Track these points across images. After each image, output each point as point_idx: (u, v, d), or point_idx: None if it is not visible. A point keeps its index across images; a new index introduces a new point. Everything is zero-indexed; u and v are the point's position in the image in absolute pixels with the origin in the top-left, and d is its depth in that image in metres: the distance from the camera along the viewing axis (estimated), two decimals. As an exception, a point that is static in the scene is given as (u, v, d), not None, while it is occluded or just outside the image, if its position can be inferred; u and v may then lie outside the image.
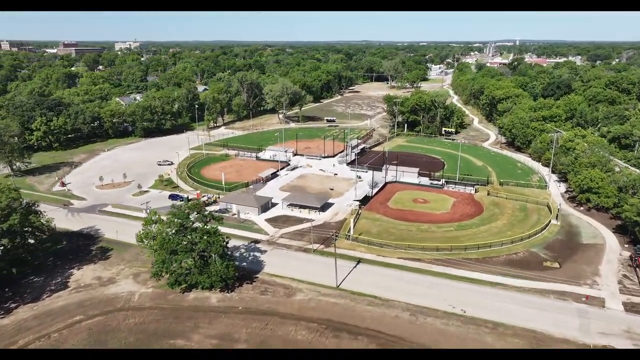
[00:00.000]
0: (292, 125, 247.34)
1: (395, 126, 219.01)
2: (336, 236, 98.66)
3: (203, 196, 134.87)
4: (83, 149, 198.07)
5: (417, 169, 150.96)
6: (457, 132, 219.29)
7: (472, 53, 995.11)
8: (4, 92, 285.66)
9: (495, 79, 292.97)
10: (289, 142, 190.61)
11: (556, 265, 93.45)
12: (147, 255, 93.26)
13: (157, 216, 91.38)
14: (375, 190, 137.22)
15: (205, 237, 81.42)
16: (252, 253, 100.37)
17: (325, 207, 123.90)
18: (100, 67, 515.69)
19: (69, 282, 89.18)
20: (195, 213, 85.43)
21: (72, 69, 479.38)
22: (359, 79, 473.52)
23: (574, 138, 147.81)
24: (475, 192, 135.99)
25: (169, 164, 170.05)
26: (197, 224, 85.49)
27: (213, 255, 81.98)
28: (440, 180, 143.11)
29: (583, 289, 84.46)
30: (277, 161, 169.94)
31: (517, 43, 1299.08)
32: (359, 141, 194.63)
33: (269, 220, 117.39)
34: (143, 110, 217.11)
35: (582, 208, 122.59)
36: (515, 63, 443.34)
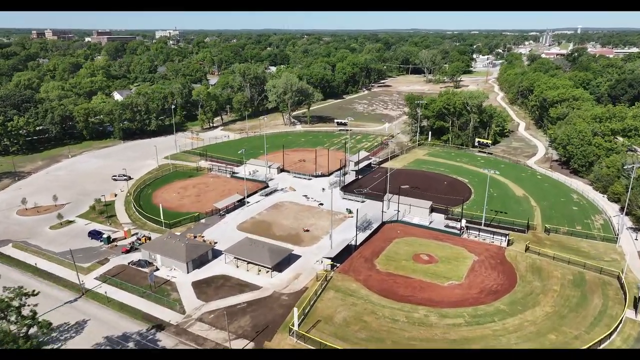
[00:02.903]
0: (298, 127, 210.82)
1: (418, 134, 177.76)
2: None
3: (133, 234, 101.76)
4: (46, 154, 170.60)
5: (430, 203, 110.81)
6: (495, 143, 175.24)
7: (526, 42, 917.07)
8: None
9: (548, 74, 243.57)
10: (287, 151, 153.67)
11: (637, 423, 52.62)
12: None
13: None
14: (364, 237, 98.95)
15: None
16: (139, 354, 65.57)
17: (284, 264, 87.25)
18: (126, 56, 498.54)
19: None
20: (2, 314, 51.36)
21: (98, 58, 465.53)
22: (394, 71, 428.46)
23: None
24: (508, 244, 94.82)
25: (125, 179, 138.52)
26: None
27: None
28: (459, 222, 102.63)
29: None
30: (256, 180, 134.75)
31: (579, 31, 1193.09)
32: (367, 154, 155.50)
33: (197, 285, 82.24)
34: (122, 109, 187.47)
35: (676, 288, 79.35)
36: (576, 54, 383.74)
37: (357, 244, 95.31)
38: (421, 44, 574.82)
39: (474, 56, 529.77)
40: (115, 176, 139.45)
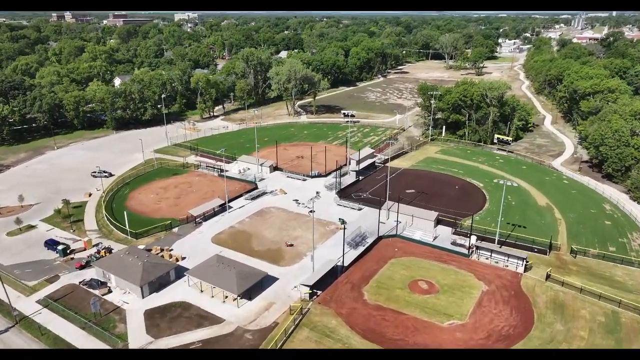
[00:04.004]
0: (303, 118, 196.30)
1: (431, 128, 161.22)
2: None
3: (94, 245, 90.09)
4: (33, 145, 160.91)
5: (436, 214, 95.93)
6: (517, 139, 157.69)
7: (556, 26, 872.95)
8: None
9: (580, 61, 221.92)
10: (287, 146, 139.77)
11: None
12: None
13: None
14: (356, 254, 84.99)
15: None
16: (57, 412, 53.83)
17: (256, 289, 74.18)
18: (140, 39, 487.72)
19: None
20: None
21: (111, 41, 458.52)
22: (413, 57, 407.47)
23: None
24: (525, 270, 79.53)
25: (105, 176, 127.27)
26: None
27: None
28: (467, 240, 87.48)
29: None
30: (244, 181, 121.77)
31: (614, 14, 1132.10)
32: (372, 150, 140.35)
33: (151, 314, 69.89)
34: (114, 97, 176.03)
35: None
36: (611, 39, 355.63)
37: (346, 264, 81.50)
38: (444, 27, 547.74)
39: (500, 41, 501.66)
40: (95, 172, 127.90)
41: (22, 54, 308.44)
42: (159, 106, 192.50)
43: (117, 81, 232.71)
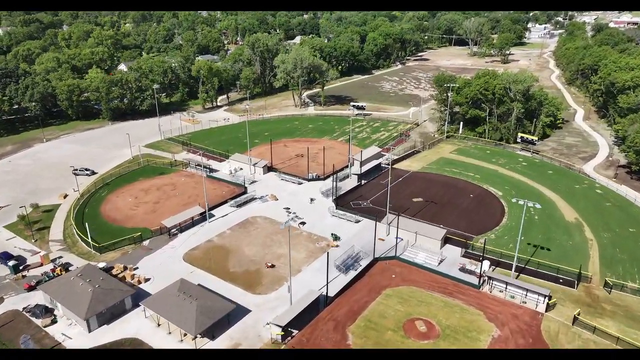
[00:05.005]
0: (310, 110, 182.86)
1: (447, 123, 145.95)
2: None
3: (52, 260, 79.98)
4: (23, 137, 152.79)
5: (444, 232, 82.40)
6: (544, 137, 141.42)
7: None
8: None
9: (618, 48, 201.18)
10: (288, 141, 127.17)
11: None
12: None
13: None
14: (344, 282, 72.48)
15: None
16: None
17: (221, 325, 62.68)
18: (155, 24, 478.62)
19: None
20: None
21: (126, 25, 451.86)
22: (435, 43, 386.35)
23: None
24: (548, 309, 65.68)
25: (87, 174, 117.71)
26: None
27: None
28: (479, 266, 73.81)
29: None
30: (233, 183, 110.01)
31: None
32: (379, 149, 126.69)
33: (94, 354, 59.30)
34: (109, 86, 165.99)
35: None
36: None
37: (332, 294, 69.15)
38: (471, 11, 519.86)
39: (529, 25, 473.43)
40: (76, 169, 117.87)
41: (32, 39, 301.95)
42: (157, 95, 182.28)
43: (122, 67, 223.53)
